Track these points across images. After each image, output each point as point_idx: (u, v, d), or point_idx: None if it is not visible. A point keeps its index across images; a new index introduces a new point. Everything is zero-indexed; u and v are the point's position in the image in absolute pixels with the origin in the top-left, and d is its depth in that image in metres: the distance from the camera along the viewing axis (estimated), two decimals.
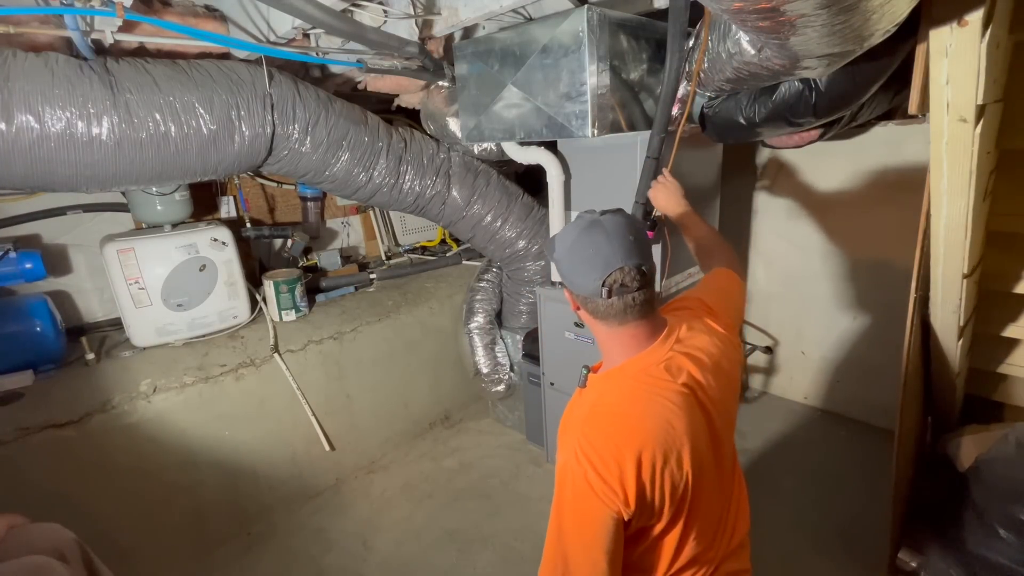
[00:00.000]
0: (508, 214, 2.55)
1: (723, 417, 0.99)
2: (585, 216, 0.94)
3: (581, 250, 0.91)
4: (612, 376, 0.95)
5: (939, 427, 2.27)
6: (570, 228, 0.95)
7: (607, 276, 0.88)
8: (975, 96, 1.16)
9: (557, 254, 0.96)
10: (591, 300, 0.92)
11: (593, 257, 0.89)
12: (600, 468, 0.83)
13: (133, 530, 1.97)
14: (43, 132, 1.54)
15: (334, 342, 2.50)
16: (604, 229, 0.90)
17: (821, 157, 2.59)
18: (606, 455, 0.84)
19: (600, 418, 0.90)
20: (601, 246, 0.89)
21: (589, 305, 0.93)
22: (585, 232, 0.91)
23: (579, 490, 0.85)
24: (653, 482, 0.85)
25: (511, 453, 2.74)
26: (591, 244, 0.90)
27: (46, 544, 1.18)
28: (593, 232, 0.90)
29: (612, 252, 0.88)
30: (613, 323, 0.93)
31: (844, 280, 2.68)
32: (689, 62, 1.59)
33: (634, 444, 0.85)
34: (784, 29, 0.97)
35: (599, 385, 0.96)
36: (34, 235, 2.25)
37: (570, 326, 2.24)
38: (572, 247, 0.92)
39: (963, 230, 1.43)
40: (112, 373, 2.06)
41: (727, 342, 1.04)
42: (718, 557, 1.01)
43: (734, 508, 1.05)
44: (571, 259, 0.93)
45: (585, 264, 0.90)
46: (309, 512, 2.40)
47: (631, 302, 0.90)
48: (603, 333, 0.96)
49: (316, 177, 2.14)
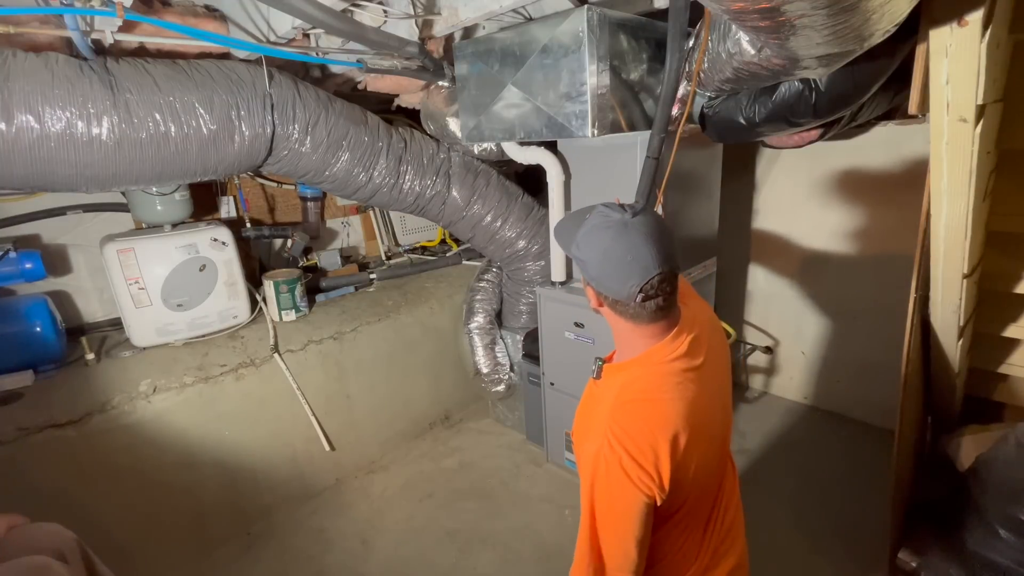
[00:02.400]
0: (508, 214, 2.55)
1: (724, 390, 1.04)
2: (613, 216, 0.91)
3: (617, 255, 0.89)
4: (635, 364, 0.95)
5: (939, 427, 2.27)
6: (600, 230, 0.91)
7: (644, 283, 0.87)
8: (975, 96, 1.16)
9: (585, 255, 0.93)
10: (622, 303, 0.91)
11: (631, 264, 0.87)
12: (635, 453, 0.84)
13: (133, 530, 1.97)
14: (43, 132, 1.54)
15: (334, 342, 2.50)
16: (640, 232, 0.88)
17: (821, 157, 2.59)
18: (640, 440, 0.85)
19: (631, 404, 0.90)
20: (639, 251, 0.87)
21: (618, 307, 0.93)
22: (620, 236, 0.89)
23: (614, 477, 0.85)
24: (686, 464, 0.87)
25: (511, 453, 2.74)
26: (628, 250, 0.88)
27: (46, 544, 1.18)
28: (629, 236, 0.88)
29: (650, 258, 0.87)
30: (641, 322, 0.93)
31: (844, 280, 2.68)
32: (689, 62, 1.59)
33: (668, 428, 0.86)
34: (784, 29, 0.97)
35: (621, 374, 0.96)
36: (34, 235, 2.25)
37: (570, 326, 2.24)
38: (607, 252, 0.90)
39: (963, 230, 1.43)
40: (112, 373, 2.06)
41: (711, 314, 1.09)
42: (713, 542, 1.03)
43: (728, 486, 1.07)
44: (604, 264, 0.90)
45: (621, 270, 0.88)
46: (309, 512, 2.40)
47: (662, 304, 0.90)
48: (626, 329, 0.96)
49: (316, 177, 2.14)
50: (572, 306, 2.23)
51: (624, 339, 0.98)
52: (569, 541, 2.18)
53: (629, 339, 0.97)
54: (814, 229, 2.73)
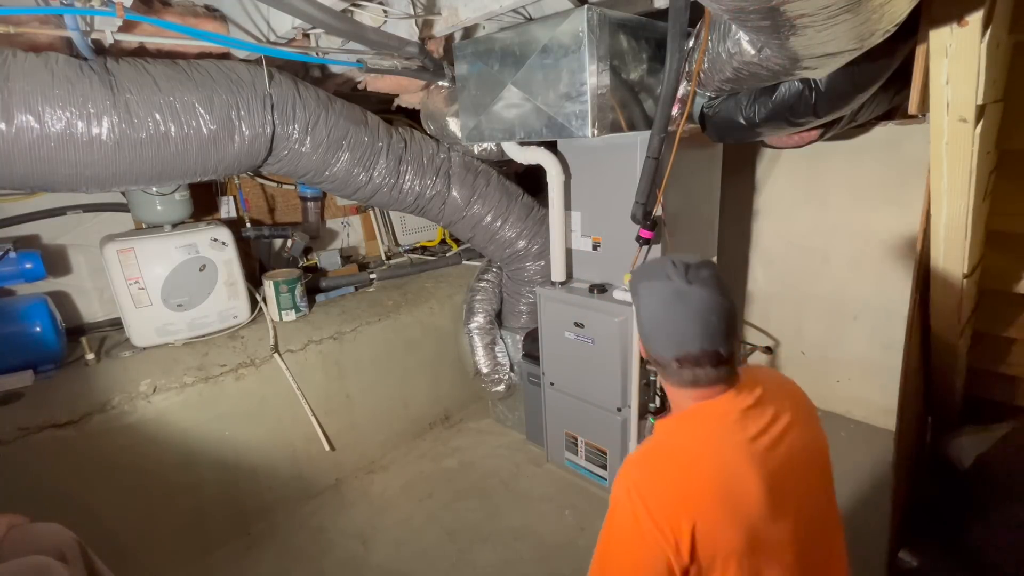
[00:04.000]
0: (508, 214, 2.54)
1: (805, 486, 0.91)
2: (673, 278, 0.87)
3: (662, 321, 0.88)
4: (680, 418, 0.91)
5: (939, 427, 2.27)
6: (657, 290, 0.89)
7: (681, 356, 0.86)
8: (975, 96, 1.16)
9: (638, 307, 0.92)
10: (661, 362, 0.90)
11: (671, 334, 0.86)
12: (653, 508, 0.79)
13: (133, 530, 1.97)
14: (43, 132, 1.54)
15: (334, 342, 2.50)
16: (690, 306, 0.85)
17: (821, 157, 2.59)
18: (661, 495, 0.80)
19: (660, 455, 0.87)
20: (681, 325, 0.85)
21: (658, 364, 0.91)
22: (671, 304, 0.86)
23: (625, 529, 0.81)
24: (712, 533, 0.78)
25: (511, 453, 2.74)
26: (672, 320, 0.86)
27: (46, 544, 1.18)
28: (678, 306, 0.86)
29: (691, 335, 0.85)
30: (682, 385, 0.90)
31: (844, 280, 2.68)
32: (689, 62, 1.59)
33: (695, 487, 0.80)
34: (784, 29, 0.97)
35: (665, 426, 0.93)
36: (34, 235, 2.25)
37: (570, 326, 2.24)
38: (654, 314, 0.89)
39: (963, 230, 1.43)
40: (112, 373, 2.06)
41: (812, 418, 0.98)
42: None
43: None
44: (651, 323, 0.90)
45: (662, 335, 0.88)
46: (309, 512, 2.40)
47: (702, 375, 0.87)
48: (669, 386, 0.93)
49: (316, 177, 2.14)
50: (572, 306, 2.23)
51: (671, 394, 0.95)
52: (569, 541, 2.19)
53: (673, 396, 0.94)
54: (814, 229, 2.73)
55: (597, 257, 2.28)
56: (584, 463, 2.42)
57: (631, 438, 2.13)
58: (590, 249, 2.30)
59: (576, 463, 2.46)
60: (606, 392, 2.19)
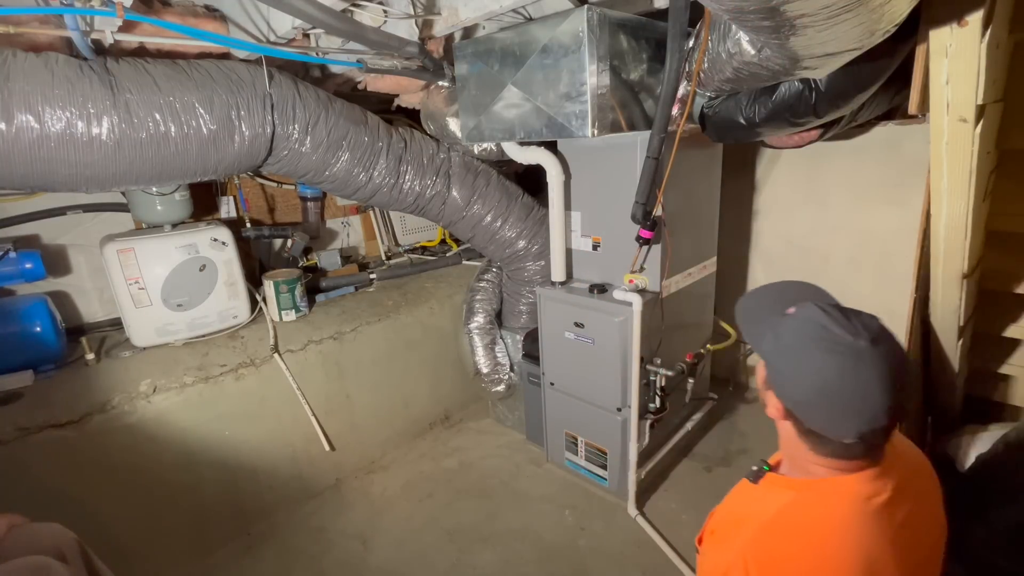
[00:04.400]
0: (508, 214, 2.55)
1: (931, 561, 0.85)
2: (840, 335, 0.71)
3: (840, 392, 0.70)
4: (810, 489, 0.78)
5: (939, 427, 2.27)
6: (822, 352, 0.71)
7: (866, 432, 0.71)
8: (975, 96, 1.16)
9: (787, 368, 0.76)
10: (820, 436, 0.74)
11: (858, 409, 0.70)
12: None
13: (133, 530, 1.97)
14: (43, 132, 1.54)
15: (334, 342, 2.50)
16: (877, 368, 0.69)
17: (821, 157, 2.59)
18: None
19: (788, 532, 0.75)
20: (872, 395, 0.69)
21: (811, 436, 0.76)
22: (852, 369, 0.69)
23: None
24: None
25: (511, 453, 2.74)
26: (858, 390, 0.70)
27: (46, 544, 1.18)
28: (862, 371, 0.69)
29: (882, 406, 0.69)
30: (837, 457, 0.76)
31: (844, 280, 2.68)
32: (689, 62, 1.59)
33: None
34: (784, 29, 0.97)
35: (787, 492, 0.79)
36: (34, 235, 2.25)
37: (570, 326, 2.24)
38: (828, 384, 0.71)
39: (963, 230, 1.43)
40: (112, 373, 2.06)
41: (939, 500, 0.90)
42: None
43: None
44: (819, 396, 0.72)
45: (840, 410, 0.71)
46: (309, 512, 2.40)
47: (871, 449, 0.75)
48: (806, 451, 0.78)
49: (316, 177, 2.14)
50: (572, 306, 2.23)
51: (798, 457, 0.81)
52: (569, 541, 2.19)
53: (803, 461, 0.80)
54: (814, 229, 2.73)
55: (597, 257, 2.28)
56: (584, 463, 2.42)
57: (631, 438, 2.13)
58: (590, 249, 2.30)
59: (576, 463, 2.46)
60: (606, 392, 2.19)
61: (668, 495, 2.36)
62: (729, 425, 2.84)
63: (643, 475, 2.27)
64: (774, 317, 0.81)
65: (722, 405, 2.90)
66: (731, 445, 2.68)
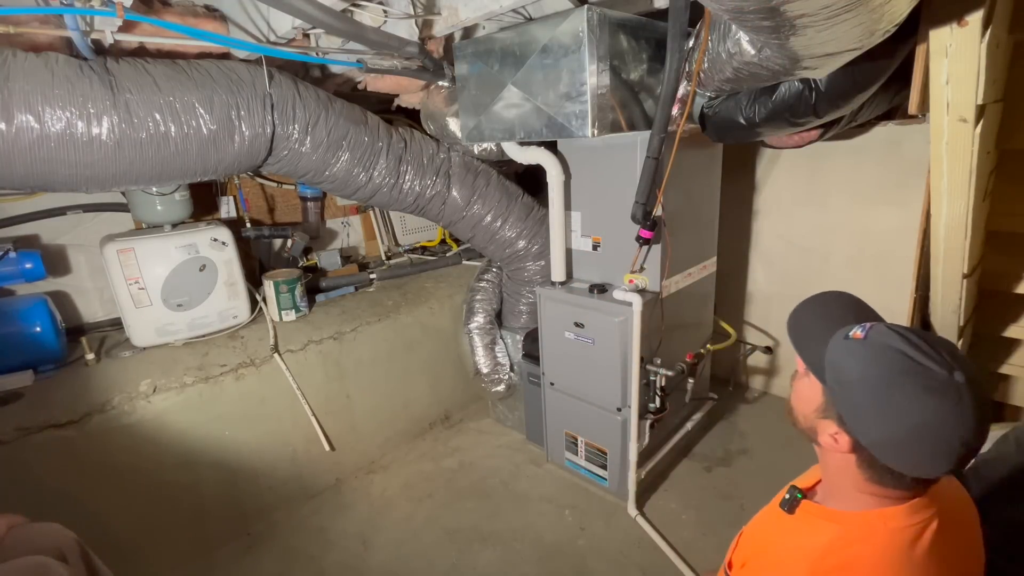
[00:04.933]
0: (508, 214, 2.55)
1: None
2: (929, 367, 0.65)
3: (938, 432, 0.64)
4: (854, 523, 0.74)
5: None
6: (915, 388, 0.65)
7: (952, 466, 0.66)
8: (975, 96, 1.16)
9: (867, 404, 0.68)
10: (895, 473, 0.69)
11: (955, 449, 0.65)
12: None
13: (133, 530, 1.97)
14: (43, 132, 1.54)
15: (334, 342, 2.50)
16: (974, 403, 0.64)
17: (821, 157, 2.59)
18: None
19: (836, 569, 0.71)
20: (971, 433, 0.64)
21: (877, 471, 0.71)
22: (951, 407, 0.64)
23: None
24: None
25: (511, 453, 2.74)
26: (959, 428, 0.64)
27: (46, 544, 1.18)
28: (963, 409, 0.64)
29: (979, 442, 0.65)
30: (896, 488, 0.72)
31: (844, 280, 2.68)
32: (689, 62, 1.59)
33: None
34: (784, 29, 0.97)
35: (830, 527, 0.75)
36: (34, 235, 2.25)
37: (570, 326, 2.24)
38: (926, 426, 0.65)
39: (963, 230, 1.43)
40: (112, 373, 2.06)
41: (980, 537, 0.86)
42: None
43: None
44: (910, 437, 0.66)
45: (936, 451, 0.66)
46: (309, 512, 2.40)
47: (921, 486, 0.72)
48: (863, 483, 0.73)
49: (316, 177, 2.14)
50: (572, 306, 2.23)
51: (845, 486, 0.76)
52: (569, 541, 2.19)
53: (851, 490, 0.75)
54: (814, 229, 2.73)
55: (597, 257, 2.29)
56: (584, 463, 2.42)
57: (631, 438, 2.13)
58: (590, 249, 2.30)
59: (576, 463, 2.46)
60: (606, 392, 2.19)
61: (668, 495, 2.36)
62: (729, 425, 2.84)
63: (643, 475, 2.27)
64: (838, 339, 0.73)
65: (722, 405, 2.90)
66: (731, 445, 2.68)
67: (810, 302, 0.86)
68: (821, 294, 0.88)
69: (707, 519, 2.19)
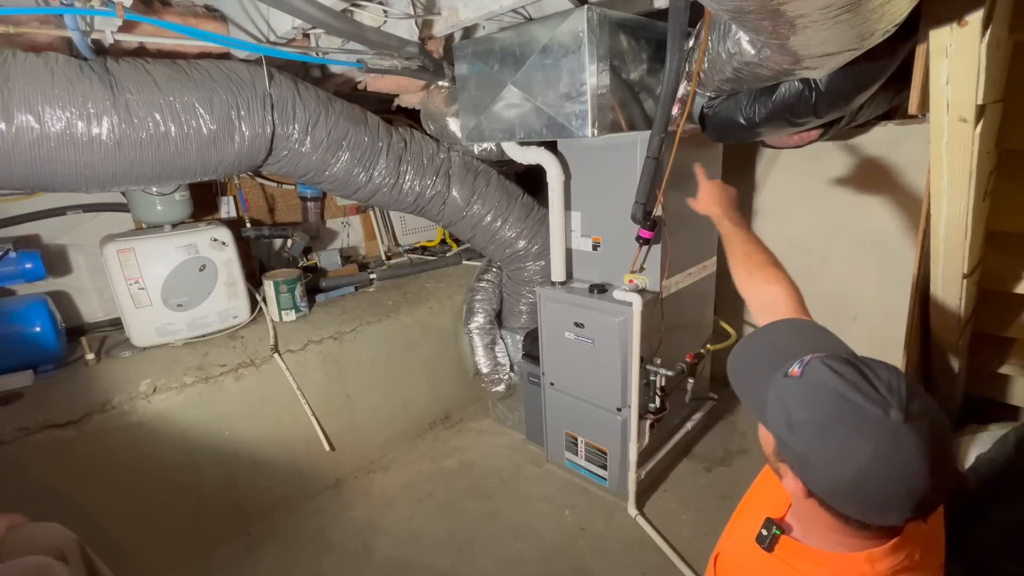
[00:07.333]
0: (508, 214, 2.55)
1: None
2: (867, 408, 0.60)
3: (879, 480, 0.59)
4: (833, 564, 0.71)
5: None
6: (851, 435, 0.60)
7: (912, 518, 0.61)
8: (975, 96, 1.16)
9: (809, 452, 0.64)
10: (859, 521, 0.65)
11: (905, 496, 0.59)
12: None
13: (133, 530, 1.97)
14: (43, 132, 1.54)
15: (334, 342, 2.50)
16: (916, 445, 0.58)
17: (821, 157, 2.59)
18: None
19: None
20: (915, 478, 0.59)
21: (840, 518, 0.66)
22: (888, 452, 0.59)
23: None
24: None
25: (511, 453, 2.74)
26: (899, 473, 0.59)
27: (46, 544, 1.18)
28: (901, 452, 0.59)
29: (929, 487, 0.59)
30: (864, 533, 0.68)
31: (844, 280, 2.68)
32: (689, 62, 1.59)
33: None
34: (784, 29, 0.97)
35: (812, 568, 0.72)
36: (34, 235, 2.24)
37: (570, 326, 2.24)
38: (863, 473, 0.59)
39: (963, 230, 1.43)
40: (112, 373, 2.06)
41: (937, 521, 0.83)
42: None
43: None
44: (855, 487, 0.61)
45: (882, 499, 0.61)
46: (309, 512, 2.40)
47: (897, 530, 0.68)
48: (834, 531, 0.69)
49: (316, 177, 2.14)
50: (572, 306, 2.23)
51: (821, 528, 0.71)
52: (569, 541, 2.19)
53: (827, 531, 0.71)
54: (814, 229, 2.73)
55: (597, 257, 2.29)
56: (584, 463, 2.42)
57: (631, 438, 2.13)
58: (590, 249, 2.30)
59: (576, 463, 2.46)
60: (606, 392, 2.19)
61: (668, 495, 2.36)
62: (729, 425, 2.84)
63: (643, 475, 2.27)
64: (776, 377, 0.69)
65: (722, 405, 2.90)
66: (731, 445, 2.68)
67: (755, 336, 0.81)
68: (771, 324, 0.83)
69: (707, 519, 2.19)
